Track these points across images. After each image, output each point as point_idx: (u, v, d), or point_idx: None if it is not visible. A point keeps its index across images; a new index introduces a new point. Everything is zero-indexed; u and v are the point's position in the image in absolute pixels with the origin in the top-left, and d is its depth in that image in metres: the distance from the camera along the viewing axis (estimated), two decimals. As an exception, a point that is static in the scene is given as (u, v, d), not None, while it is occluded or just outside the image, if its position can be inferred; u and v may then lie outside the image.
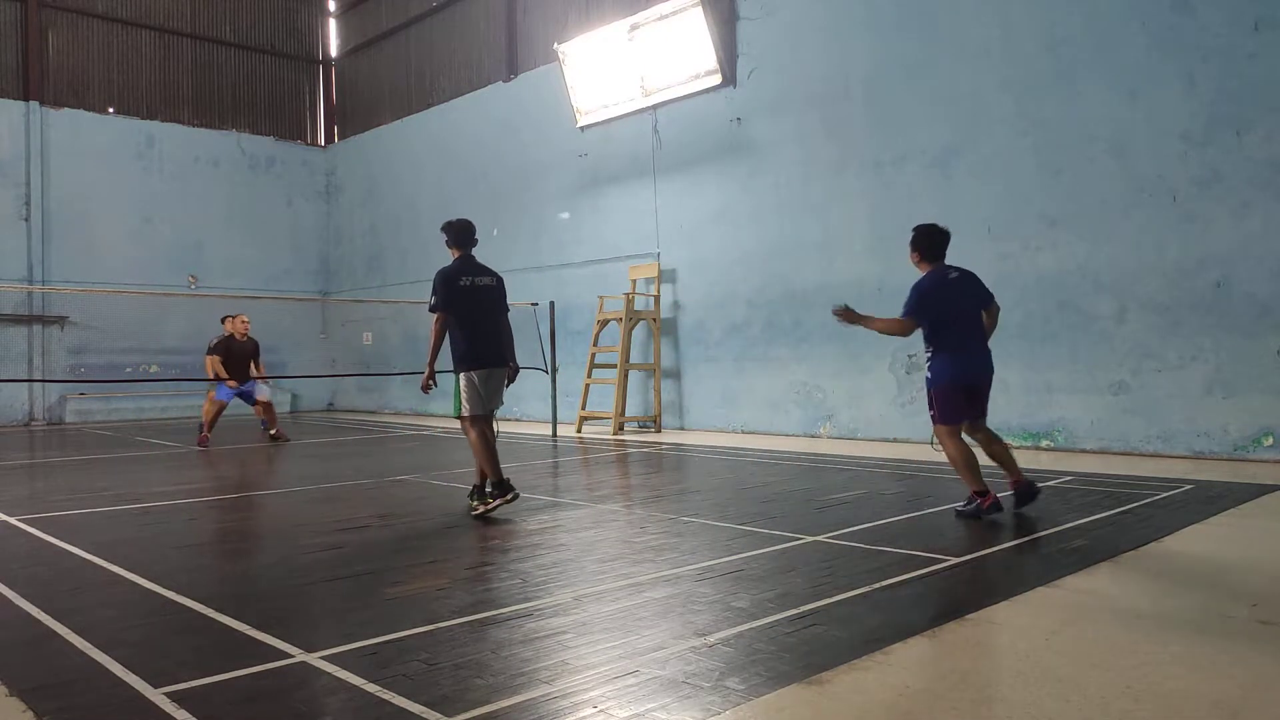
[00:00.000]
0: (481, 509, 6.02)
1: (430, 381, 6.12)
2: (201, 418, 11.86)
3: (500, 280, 6.42)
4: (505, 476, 6.06)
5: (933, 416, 5.69)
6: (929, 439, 5.88)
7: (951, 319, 5.56)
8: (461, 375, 6.14)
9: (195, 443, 11.53)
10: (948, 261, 5.75)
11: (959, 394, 5.58)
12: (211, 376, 11.61)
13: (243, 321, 11.91)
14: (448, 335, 6.15)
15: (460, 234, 6.33)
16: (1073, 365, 9.19)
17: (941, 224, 5.85)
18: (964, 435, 5.71)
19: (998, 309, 5.82)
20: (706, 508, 6.25)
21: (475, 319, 6.13)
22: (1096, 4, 9.04)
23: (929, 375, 5.65)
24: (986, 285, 5.81)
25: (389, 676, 2.98)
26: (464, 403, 6.16)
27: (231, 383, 11.60)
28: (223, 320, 12.08)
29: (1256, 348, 8.08)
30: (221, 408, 11.76)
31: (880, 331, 5.71)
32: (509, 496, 6.02)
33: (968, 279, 5.73)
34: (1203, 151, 8.39)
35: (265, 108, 19.89)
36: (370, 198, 19.47)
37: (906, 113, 10.50)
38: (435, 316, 6.08)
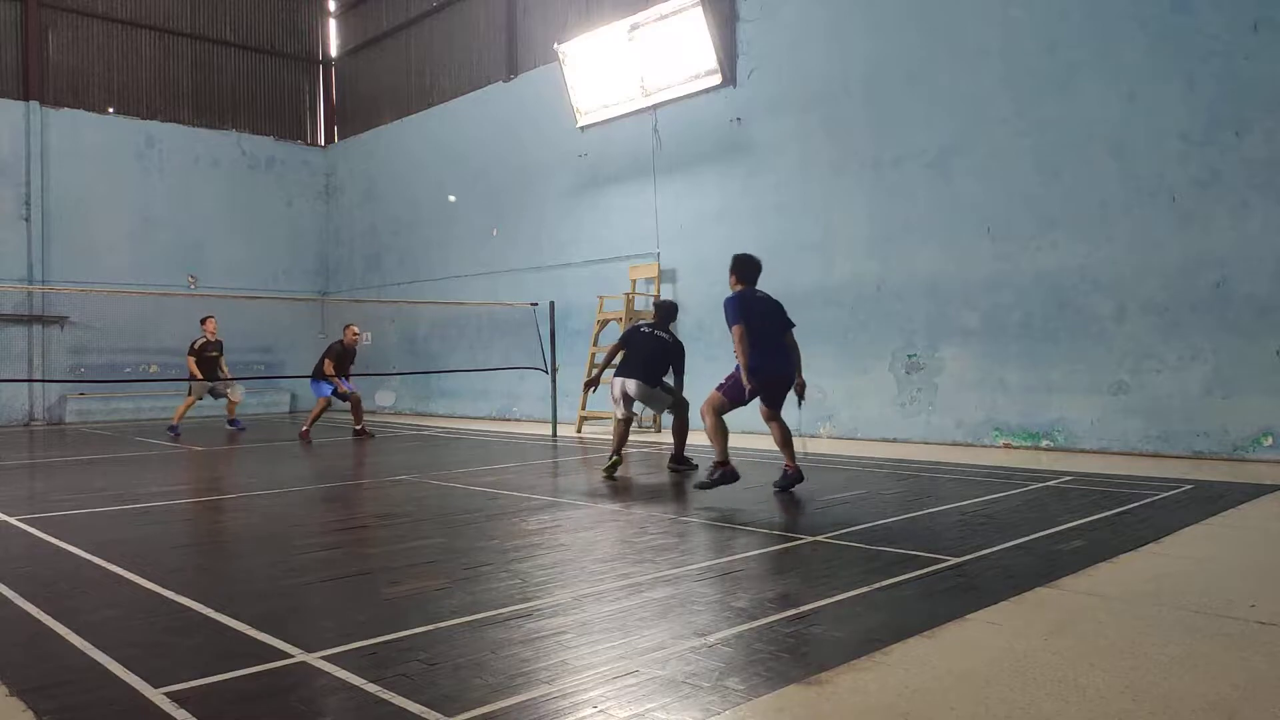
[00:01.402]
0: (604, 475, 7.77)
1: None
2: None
3: (674, 337, 8.38)
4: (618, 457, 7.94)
5: (721, 388, 6.72)
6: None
7: (761, 326, 6.63)
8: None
9: (299, 437, 12.03)
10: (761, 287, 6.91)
11: (756, 385, 6.55)
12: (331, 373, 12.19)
13: (356, 331, 12.73)
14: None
15: (662, 313, 8.47)
16: (1073, 365, 9.20)
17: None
18: (766, 423, 6.95)
19: (794, 343, 6.87)
20: (707, 508, 6.25)
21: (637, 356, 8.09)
22: (1096, 4, 9.04)
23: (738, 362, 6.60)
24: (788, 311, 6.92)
25: (389, 676, 2.98)
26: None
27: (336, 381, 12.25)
28: (347, 328, 12.72)
29: (1256, 348, 8.09)
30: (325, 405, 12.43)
31: (741, 353, 6.52)
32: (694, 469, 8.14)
33: (771, 301, 6.88)
34: (1202, 152, 8.39)
35: (265, 108, 19.89)
36: (370, 198, 19.47)
37: (906, 113, 10.50)
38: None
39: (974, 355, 9.96)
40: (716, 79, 12.32)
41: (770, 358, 6.62)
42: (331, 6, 20.79)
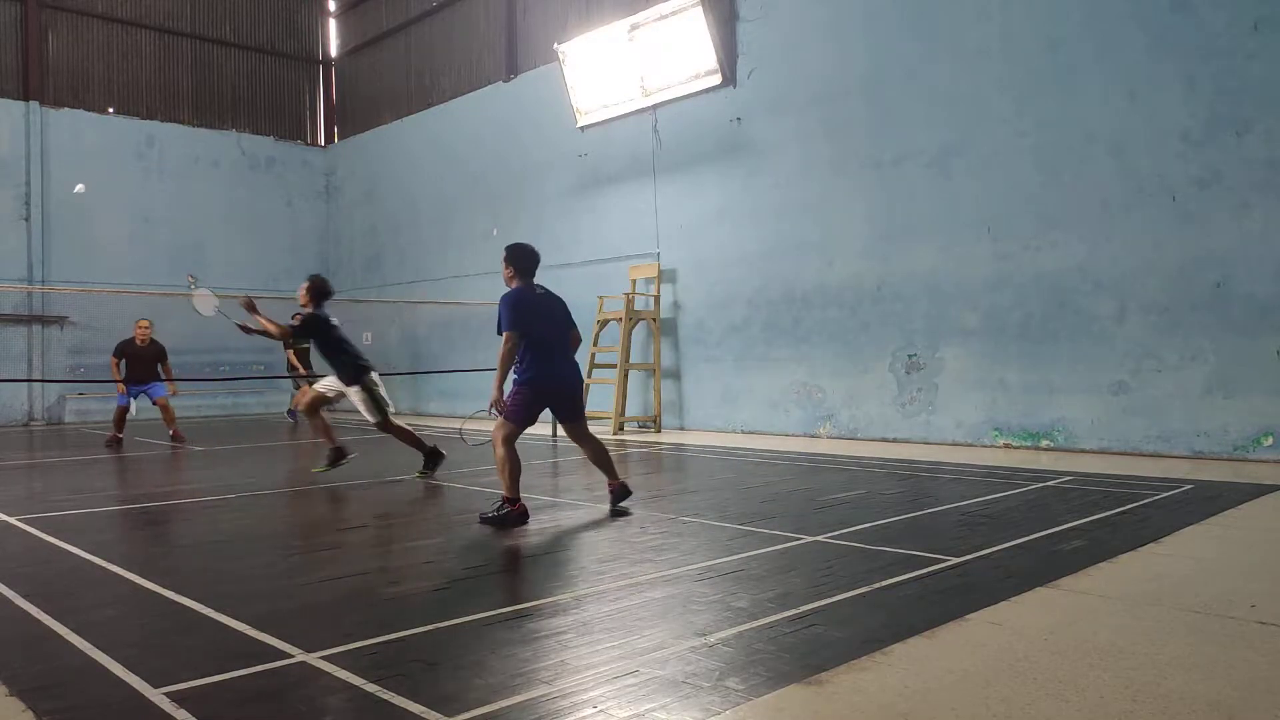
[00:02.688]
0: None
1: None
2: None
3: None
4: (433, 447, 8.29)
5: (506, 415, 5.87)
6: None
7: (543, 330, 5.91)
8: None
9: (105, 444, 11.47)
10: (538, 281, 6.13)
11: (538, 399, 5.92)
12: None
13: (142, 327, 11.90)
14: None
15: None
16: (1073, 365, 9.19)
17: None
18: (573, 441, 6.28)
19: (579, 337, 6.18)
20: (706, 508, 6.25)
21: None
22: (1096, 4, 9.04)
23: (515, 376, 5.92)
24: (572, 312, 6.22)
25: (389, 676, 2.98)
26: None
27: (121, 388, 11.68)
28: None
29: (1256, 348, 8.09)
30: (122, 410, 11.83)
31: (501, 364, 5.81)
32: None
33: (553, 298, 6.14)
34: (1202, 151, 8.39)
35: (265, 108, 19.89)
36: (370, 198, 19.47)
37: (906, 113, 10.50)
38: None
39: (974, 355, 9.95)
40: (716, 79, 12.32)
41: (554, 365, 5.96)
42: (331, 6, 20.79)
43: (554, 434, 12.29)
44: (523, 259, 6.06)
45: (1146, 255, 8.74)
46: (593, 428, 13.06)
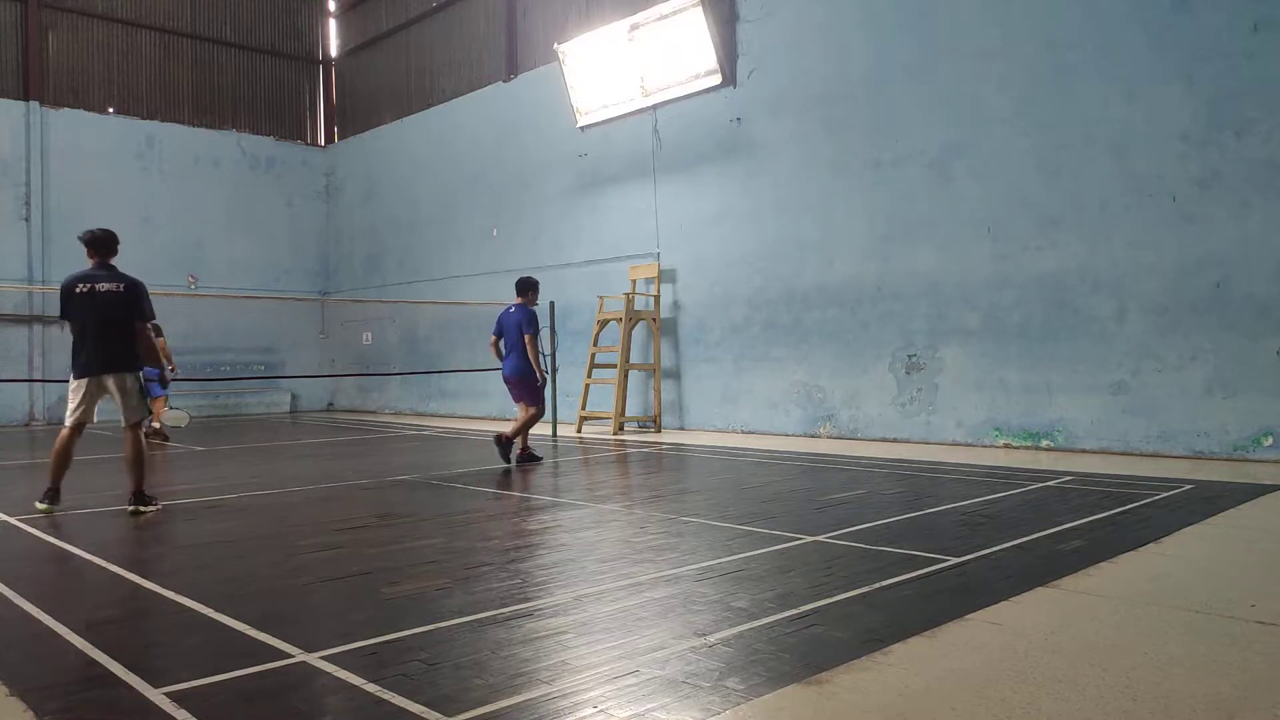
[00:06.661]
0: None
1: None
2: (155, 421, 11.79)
3: (127, 277, 6.34)
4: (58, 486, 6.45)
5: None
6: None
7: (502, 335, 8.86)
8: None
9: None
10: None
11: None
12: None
13: None
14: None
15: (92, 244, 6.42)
16: (1073, 365, 9.20)
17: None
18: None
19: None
20: (706, 508, 6.25)
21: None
22: (1096, 4, 9.04)
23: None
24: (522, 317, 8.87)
25: (389, 676, 2.98)
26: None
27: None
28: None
29: (1256, 348, 8.09)
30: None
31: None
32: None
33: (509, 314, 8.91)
34: (1202, 151, 8.39)
35: (265, 108, 19.90)
36: (370, 198, 19.47)
37: (906, 113, 10.50)
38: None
39: (974, 355, 9.96)
40: (716, 79, 12.32)
41: (505, 363, 8.65)
42: (331, 6, 20.79)
43: (554, 434, 12.29)
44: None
45: (1146, 255, 8.74)
46: (593, 427, 13.14)
